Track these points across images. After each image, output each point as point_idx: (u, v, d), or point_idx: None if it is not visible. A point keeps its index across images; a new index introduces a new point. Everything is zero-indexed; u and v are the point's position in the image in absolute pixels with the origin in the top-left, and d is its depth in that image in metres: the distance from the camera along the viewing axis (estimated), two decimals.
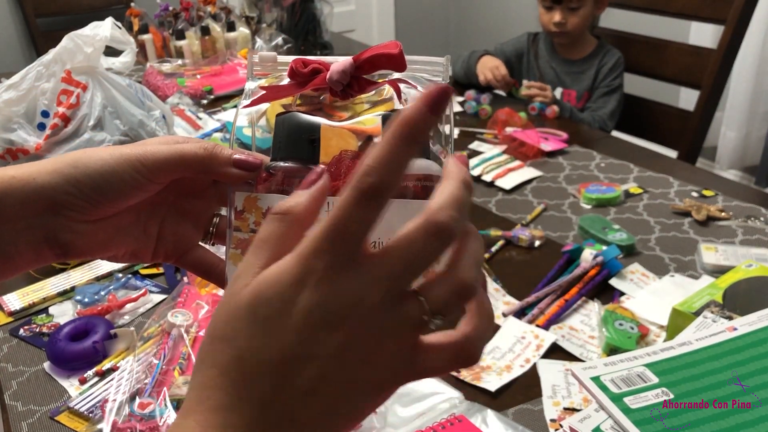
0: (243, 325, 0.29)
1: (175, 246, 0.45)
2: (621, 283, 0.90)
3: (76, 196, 0.38)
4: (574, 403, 0.70)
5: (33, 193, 0.37)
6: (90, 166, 0.38)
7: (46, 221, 0.38)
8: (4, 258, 0.38)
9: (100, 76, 1.10)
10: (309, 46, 1.85)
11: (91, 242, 0.40)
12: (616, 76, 1.75)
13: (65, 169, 0.38)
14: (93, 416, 0.70)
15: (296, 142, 0.41)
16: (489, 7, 3.74)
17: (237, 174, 0.40)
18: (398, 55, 0.41)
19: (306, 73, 0.42)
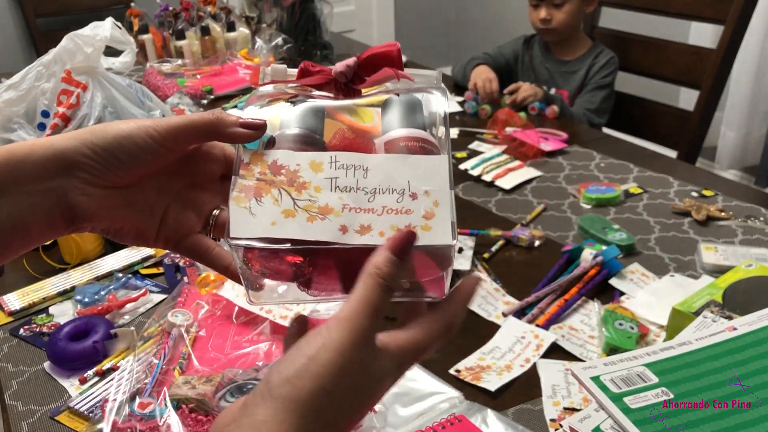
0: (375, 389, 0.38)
1: (175, 232, 0.46)
2: (621, 283, 0.90)
3: (90, 158, 0.40)
4: (574, 403, 0.70)
5: (52, 155, 0.39)
6: (107, 132, 0.41)
7: (61, 183, 0.40)
8: (20, 228, 0.40)
9: (100, 76, 1.10)
10: (309, 46, 1.85)
11: (100, 208, 0.42)
12: (607, 74, 1.75)
13: (83, 135, 0.40)
14: (93, 416, 0.70)
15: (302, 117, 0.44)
16: (488, 7, 3.74)
17: (244, 133, 0.42)
18: (396, 54, 0.45)
19: (314, 71, 0.47)
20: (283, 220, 0.40)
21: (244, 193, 0.41)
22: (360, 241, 0.40)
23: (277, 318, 0.80)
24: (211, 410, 0.67)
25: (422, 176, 0.41)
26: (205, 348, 0.79)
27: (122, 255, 0.99)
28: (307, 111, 0.45)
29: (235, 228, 0.40)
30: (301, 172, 0.42)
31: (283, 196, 0.41)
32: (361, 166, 0.42)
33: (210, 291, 0.87)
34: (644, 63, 1.81)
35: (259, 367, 0.73)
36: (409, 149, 0.43)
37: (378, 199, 0.41)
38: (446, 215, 0.41)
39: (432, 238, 0.40)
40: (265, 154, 0.42)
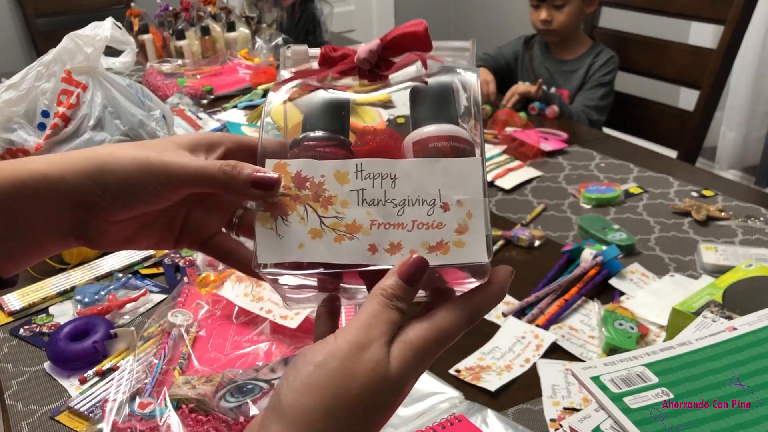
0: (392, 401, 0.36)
1: (198, 234, 0.46)
2: (621, 283, 0.90)
3: (103, 199, 0.39)
4: (574, 403, 0.70)
5: (65, 192, 0.39)
6: (116, 173, 0.39)
7: (76, 215, 0.40)
8: (35, 244, 0.40)
9: (100, 76, 1.10)
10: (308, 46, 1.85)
11: (115, 239, 0.42)
12: (606, 72, 1.75)
13: (94, 174, 0.39)
14: (93, 416, 0.70)
15: (326, 116, 0.42)
16: (488, 8, 3.74)
17: (256, 194, 0.40)
18: (423, 33, 0.41)
19: (336, 57, 0.43)
20: (311, 241, 0.38)
21: (269, 212, 0.39)
22: (391, 261, 0.38)
23: (277, 318, 0.80)
24: (211, 410, 0.67)
25: (454, 183, 0.39)
26: (205, 348, 0.79)
27: (122, 255, 0.99)
28: (330, 107, 0.42)
29: (263, 253, 0.39)
30: (327, 184, 0.39)
31: (309, 214, 0.39)
32: (388, 174, 0.39)
33: (210, 291, 0.87)
34: (644, 63, 1.81)
35: (259, 367, 0.73)
36: (439, 150, 0.40)
37: (408, 212, 0.39)
38: (480, 229, 0.38)
39: (466, 255, 0.38)
40: (288, 164, 0.40)
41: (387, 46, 0.42)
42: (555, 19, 1.74)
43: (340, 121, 0.42)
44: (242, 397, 0.68)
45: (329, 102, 0.43)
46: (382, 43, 0.42)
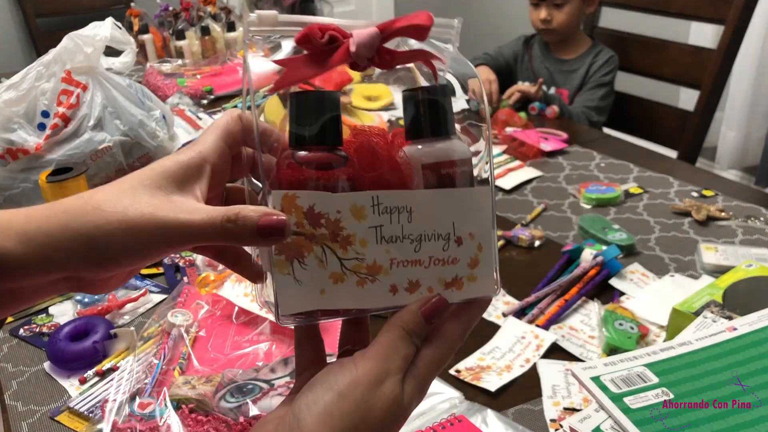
0: None
1: None
2: (621, 283, 0.90)
3: (96, 272, 0.36)
4: (574, 403, 0.70)
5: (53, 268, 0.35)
6: (110, 248, 0.35)
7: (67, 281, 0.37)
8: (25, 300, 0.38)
9: (100, 76, 1.10)
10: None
11: (114, 282, 0.41)
12: (606, 73, 1.75)
13: (82, 252, 0.35)
14: (93, 416, 0.70)
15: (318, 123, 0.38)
16: (488, 8, 3.74)
17: (266, 243, 0.36)
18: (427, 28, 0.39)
19: (323, 42, 0.38)
20: (332, 286, 0.37)
21: (284, 255, 0.36)
22: (410, 300, 0.39)
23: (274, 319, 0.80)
24: (211, 410, 0.67)
25: (466, 215, 0.40)
26: (204, 348, 0.79)
27: None
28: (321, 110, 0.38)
29: (284, 303, 0.36)
30: (344, 221, 0.37)
31: (328, 256, 0.37)
32: (405, 207, 0.39)
33: (210, 291, 0.87)
34: (644, 63, 1.81)
35: (259, 367, 0.73)
36: (450, 177, 0.40)
37: (424, 248, 0.39)
38: (490, 261, 0.40)
39: (478, 289, 0.40)
40: (297, 197, 0.36)
41: (386, 37, 0.39)
42: (555, 19, 1.74)
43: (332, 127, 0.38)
44: (242, 397, 0.68)
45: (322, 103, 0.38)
46: (382, 34, 0.38)
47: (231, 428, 0.65)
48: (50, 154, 1.06)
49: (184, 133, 1.37)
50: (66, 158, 1.05)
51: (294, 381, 0.70)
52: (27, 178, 1.07)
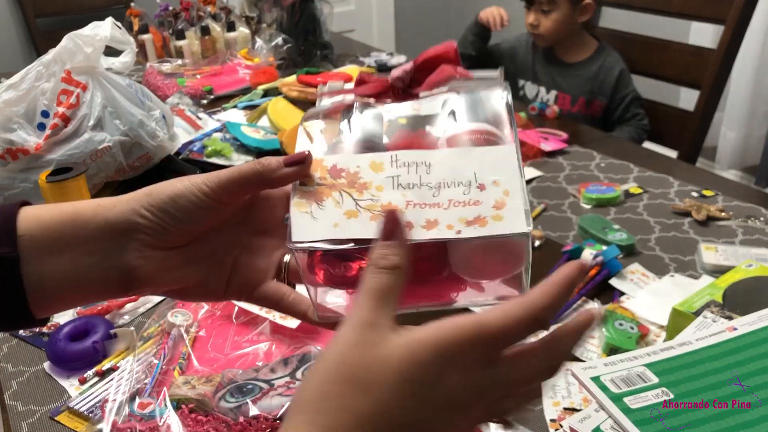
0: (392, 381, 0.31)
1: (248, 281, 0.46)
2: (621, 283, 0.90)
3: (148, 218, 0.41)
4: (574, 403, 0.70)
5: (113, 217, 0.41)
6: (162, 192, 0.41)
7: (122, 245, 0.41)
8: (77, 285, 0.41)
9: (100, 76, 1.10)
10: (309, 46, 1.85)
11: (160, 270, 0.42)
12: (627, 83, 1.75)
13: (140, 198, 0.42)
14: (93, 416, 0.70)
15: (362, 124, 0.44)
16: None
17: (291, 172, 0.41)
18: (453, 54, 0.44)
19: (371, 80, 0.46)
20: (346, 220, 0.39)
21: (305, 199, 0.40)
22: (428, 236, 0.38)
23: (277, 318, 0.80)
24: (211, 410, 0.67)
25: (489, 167, 0.40)
26: (204, 348, 0.79)
27: None
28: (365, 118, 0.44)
29: (297, 232, 0.39)
30: (362, 173, 0.40)
31: (345, 198, 0.40)
32: (423, 162, 0.40)
33: None
34: (644, 63, 1.81)
35: (259, 367, 0.73)
36: (473, 143, 0.41)
37: (443, 193, 0.39)
38: (519, 203, 0.39)
39: (504, 227, 0.38)
40: (324, 159, 0.41)
41: (419, 68, 0.45)
42: (541, 24, 1.74)
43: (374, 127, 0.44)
44: (242, 397, 0.68)
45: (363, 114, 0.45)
46: (415, 65, 0.45)
47: (231, 428, 0.65)
48: (50, 154, 1.06)
49: (184, 133, 1.37)
50: (66, 158, 1.05)
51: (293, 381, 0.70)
52: (27, 178, 1.07)
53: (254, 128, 1.36)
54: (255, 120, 1.46)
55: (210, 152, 1.26)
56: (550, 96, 1.79)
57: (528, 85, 1.85)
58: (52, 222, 0.40)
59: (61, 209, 0.41)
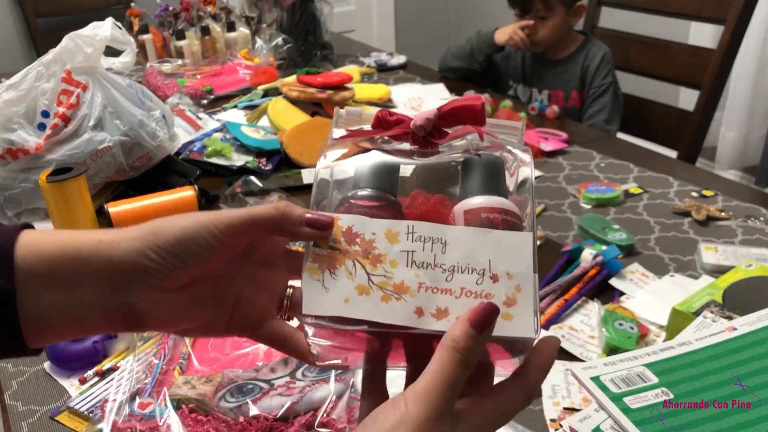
0: None
1: (251, 317, 0.45)
2: (621, 283, 0.90)
3: (156, 261, 0.39)
4: (574, 403, 0.70)
5: (117, 257, 0.39)
6: (169, 232, 0.39)
7: (126, 286, 0.39)
8: (75, 320, 0.39)
9: (100, 76, 1.10)
10: (309, 46, 1.85)
11: (165, 312, 0.41)
12: (606, 74, 1.71)
13: (147, 236, 0.39)
14: (93, 416, 0.70)
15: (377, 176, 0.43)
16: (488, 7, 3.75)
17: (310, 233, 0.40)
18: (480, 108, 0.43)
19: (391, 121, 0.44)
20: (357, 297, 0.38)
21: (318, 264, 0.39)
22: (436, 326, 0.38)
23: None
24: (211, 410, 0.67)
25: (504, 255, 0.39)
26: (205, 348, 0.79)
27: None
28: (381, 168, 0.43)
29: (308, 304, 0.39)
30: (377, 242, 0.40)
31: (358, 270, 0.39)
32: (439, 239, 0.39)
33: None
34: (644, 63, 1.81)
35: (259, 367, 0.73)
36: (490, 222, 0.40)
37: (456, 279, 0.38)
38: (529, 303, 0.38)
39: (512, 329, 0.38)
40: (339, 218, 0.40)
41: (443, 116, 0.44)
42: (538, 32, 1.72)
43: (390, 182, 0.43)
44: (242, 397, 0.68)
45: (380, 163, 0.43)
46: (439, 113, 0.43)
47: (231, 428, 0.65)
48: (50, 154, 1.06)
49: (184, 133, 1.37)
50: (66, 158, 1.05)
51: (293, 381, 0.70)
52: (27, 178, 1.07)
53: (254, 128, 1.36)
54: (255, 120, 1.46)
55: (210, 152, 1.26)
56: (543, 96, 1.79)
57: (520, 88, 1.85)
58: (53, 255, 0.39)
59: (61, 241, 0.39)
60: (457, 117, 0.44)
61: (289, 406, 0.66)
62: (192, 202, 1.05)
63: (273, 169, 1.27)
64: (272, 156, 1.29)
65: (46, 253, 0.38)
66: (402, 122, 0.44)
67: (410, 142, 0.45)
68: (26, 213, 1.10)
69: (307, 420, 0.65)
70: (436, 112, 0.44)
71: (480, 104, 0.43)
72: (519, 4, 1.72)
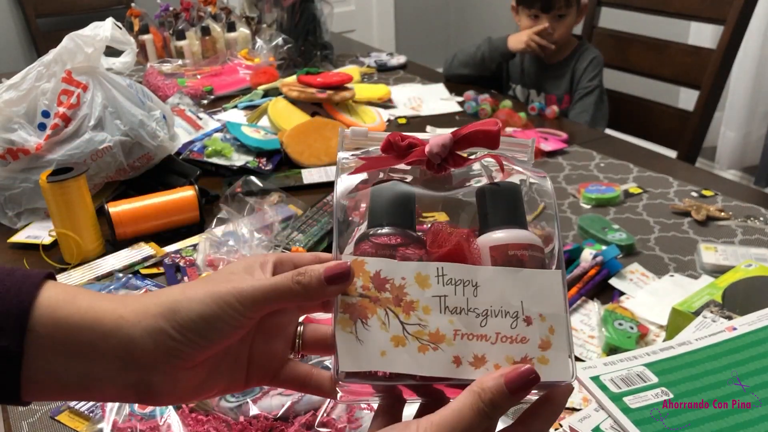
0: None
1: (268, 366, 0.44)
2: (621, 282, 0.90)
3: (178, 341, 0.38)
4: (574, 403, 0.70)
5: (138, 336, 0.38)
6: (192, 310, 0.38)
7: (144, 365, 0.38)
8: (84, 390, 0.39)
9: (100, 77, 1.10)
10: (309, 47, 1.86)
11: (184, 387, 0.40)
12: (593, 77, 1.71)
13: (167, 314, 0.38)
14: (93, 416, 0.70)
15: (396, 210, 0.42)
16: (489, 7, 3.74)
17: (335, 290, 0.39)
18: (496, 133, 0.42)
19: (403, 146, 0.43)
20: (393, 349, 0.38)
21: (349, 315, 0.38)
22: (476, 375, 0.37)
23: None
24: (211, 410, 0.67)
25: (536, 296, 0.38)
26: None
27: (122, 255, 1.00)
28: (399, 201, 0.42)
29: (344, 360, 0.38)
30: (408, 287, 0.38)
31: (391, 320, 0.38)
32: (470, 281, 0.39)
33: None
34: (644, 63, 1.81)
35: None
36: (519, 260, 0.39)
37: (490, 324, 0.38)
38: (564, 345, 0.38)
39: (550, 373, 0.37)
40: (366, 262, 0.39)
41: (458, 140, 0.43)
42: (555, 32, 1.71)
43: (410, 216, 0.42)
44: (242, 396, 0.68)
45: (399, 195, 0.42)
46: (455, 138, 0.42)
47: (231, 428, 0.65)
48: (50, 154, 1.06)
49: (184, 133, 1.38)
50: (66, 158, 1.06)
51: None
52: (27, 178, 1.07)
53: (254, 128, 1.37)
54: (255, 120, 1.46)
55: (210, 152, 1.26)
56: (540, 98, 1.79)
57: (518, 89, 1.85)
58: (70, 323, 0.37)
59: (81, 308, 0.38)
60: (472, 141, 0.43)
61: (289, 405, 0.66)
62: (192, 202, 1.05)
63: (273, 169, 1.27)
64: (272, 156, 1.29)
65: (63, 318, 0.37)
66: (414, 146, 0.43)
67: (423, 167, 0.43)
68: (26, 213, 1.10)
69: (307, 420, 0.65)
70: (451, 138, 0.42)
71: (496, 129, 0.42)
72: (542, 2, 1.70)
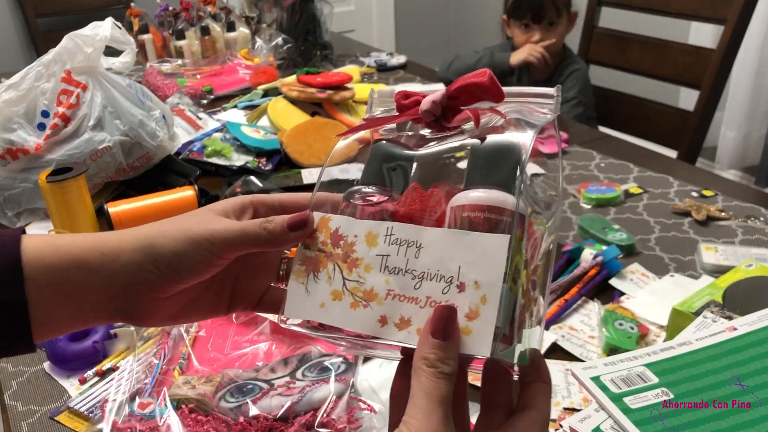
0: None
1: (250, 296, 0.47)
2: (621, 283, 0.90)
3: (154, 274, 0.41)
4: (574, 403, 0.70)
5: (119, 269, 0.41)
6: (165, 246, 0.41)
7: (126, 295, 0.42)
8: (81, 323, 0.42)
9: (100, 76, 1.10)
10: (309, 46, 1.85)
11: (164, 313, 0.44)
12: (570, 87, 1.70)
13: (145, 248, 0.41)
14: (93, 416, 0.70)
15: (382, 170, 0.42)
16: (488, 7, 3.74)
17: (295, 237, 0.42)
18: (488, 83, 0.40)
19: (406, 104, 0.43)
20: (331, 302, 0.39)
21: (305, 267, 0.41)
22: (396, 337, 0.37)
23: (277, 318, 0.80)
24: (211, 410, 0.67)
25: (476, 262, 0.35)
26: (205, 348, 0.79)
27: None
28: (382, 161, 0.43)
29: (289, 307, 0.41)
30: (357, 245, 0.39)
31: (336, 275, 0.40)
32: (414, 242, 0.38)
33: None
34: (644, 63, 1.81)
35: (258, 367, 0.73)
36: (470, 222, 0.37)
37: (424, 287, 0.37)
38: (491, 318, 0.34)
39: (468, 345, 0.34)
40: (331, 219, 0.41)
41: (453, 95, 0.41)
42: (548, 41, 1.70)
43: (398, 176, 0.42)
44: (242, 397, 0.68)
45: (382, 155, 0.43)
46: (447, 93, 0.41)
47: (231, 428, 0.65)
48: (50, 154, 1.06)
49: (184, 133, 1.37)
50: (66, 158, 1.05)
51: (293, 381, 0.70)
52: (27, 178, 1.07)
53: (254, 128, 1.36)
54: (255, 120, 1.46)
55: (210, 152, 1.26)
56: None
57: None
58: (58, 267, 0.41)
59: (63, 253, 0.41)
60: (469, 95, 0.41)
61: (289, 406, 0.66)
62: (192, 202, 1.05)
63: (273, 169, 1.27)
64: (272, 156, 1.29)
65: (52, 264, 0.41)
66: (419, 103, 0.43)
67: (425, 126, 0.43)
68: (26, 213, 1.10)
69: (307, 420, 0.65)
70: (443, 93, 0.41)
71: (487, 78, 0.39)
72: (532, 13, 1.69)
